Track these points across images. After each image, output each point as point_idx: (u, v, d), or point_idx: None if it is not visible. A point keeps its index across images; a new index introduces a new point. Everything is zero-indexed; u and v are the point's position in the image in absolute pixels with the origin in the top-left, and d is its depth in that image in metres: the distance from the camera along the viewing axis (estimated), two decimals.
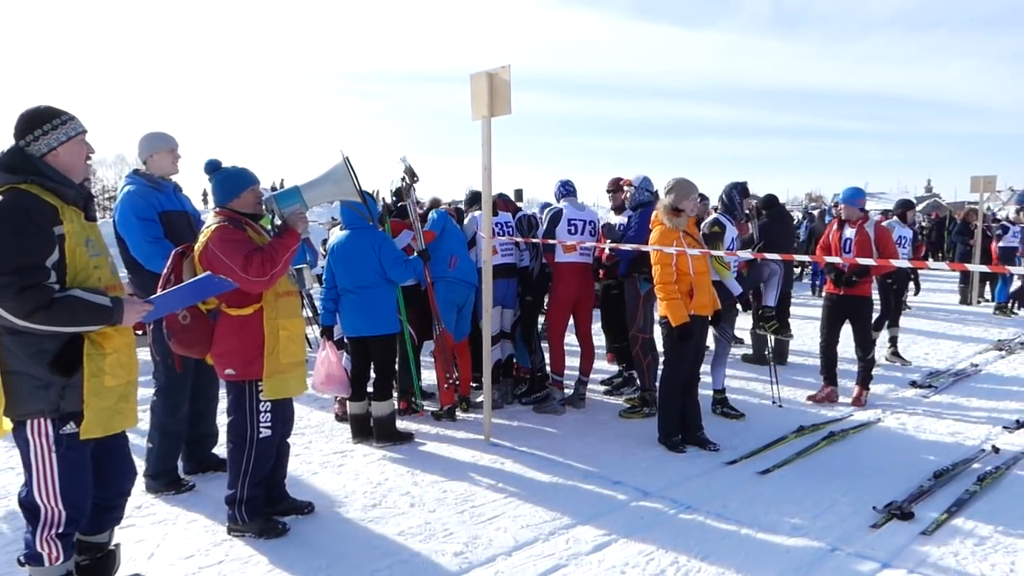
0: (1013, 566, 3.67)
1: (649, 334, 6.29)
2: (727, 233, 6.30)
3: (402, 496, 4.59)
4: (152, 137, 4.63)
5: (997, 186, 22.88)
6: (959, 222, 14.93)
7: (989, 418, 6.28)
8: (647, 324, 6.27)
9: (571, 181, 6.77)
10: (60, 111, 2.99)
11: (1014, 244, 14.16)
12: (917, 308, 13.16)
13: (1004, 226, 14.89)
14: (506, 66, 5.17)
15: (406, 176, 6.18)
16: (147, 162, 4.61)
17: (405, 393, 6.42)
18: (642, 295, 6.23)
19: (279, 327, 3.93)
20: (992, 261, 13.49)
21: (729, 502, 4.46)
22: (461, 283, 6.21)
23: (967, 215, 14.99)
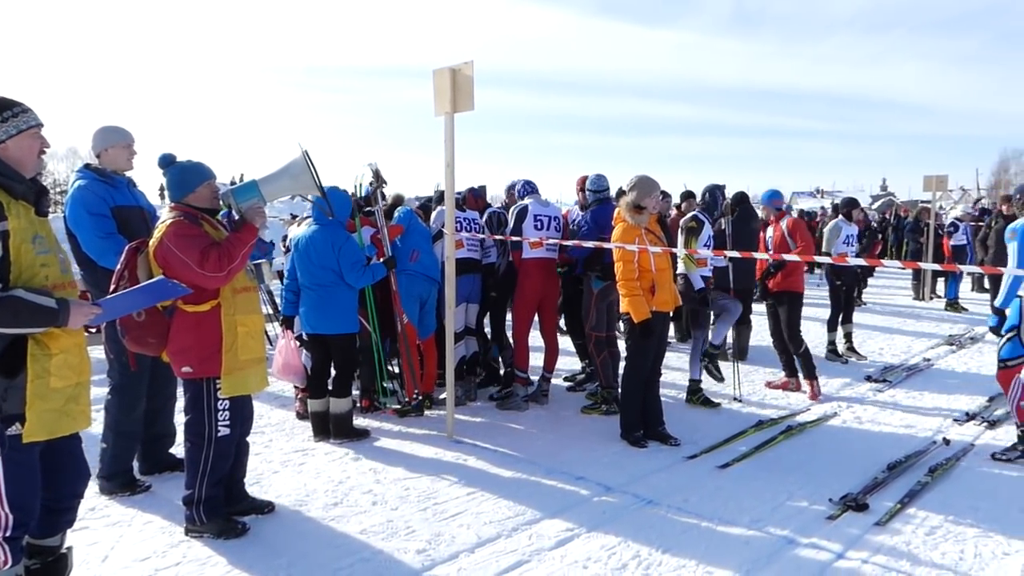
0: (962, 554, 3.77)
1: (602, 332, 6.30)
2: (704, 230, 6.45)
3: (364, 494, 4.55)
4: (107, 131, 4.51)
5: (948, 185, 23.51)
6: (911, 220, 15.28)
7: (940, 411, 6.45)
8: (600, 322, 6.28)
9: (530, 181, 6.85)
10: (13, 102, 2.87)
11: (963, 242, 14.59)
12: (872, 304, 13.46)
13: (955, 224, 15.32)
14: (469, 62, 5.16)
15: (374, 180, 6.14)
16: (100, 156, 4.49)
17: (368, 391, 6.38)
18: (595, 293, 6.27)
19: (237, 323, 3.87)
20: (945, 259, 13.87)
21: (690, 496, 4.51)
22: (422, 277, 6.18)
23: (919, 213, 15.35)
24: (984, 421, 6.07)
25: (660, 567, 3.64)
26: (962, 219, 15.37)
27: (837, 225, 8.81)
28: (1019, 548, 3.82)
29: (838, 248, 8.63)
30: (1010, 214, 10.20)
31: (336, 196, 5.52)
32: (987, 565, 3.66)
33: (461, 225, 6.50)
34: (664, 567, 3.64)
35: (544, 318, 6.66)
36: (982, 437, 5.69)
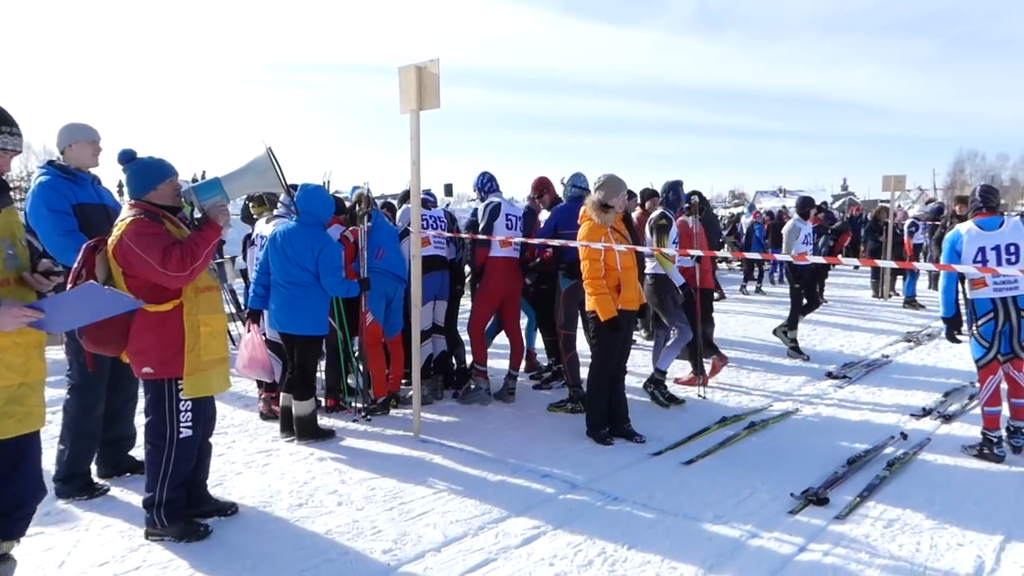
0: (918, 546, 3.86)
1: (572, 330, 6.34)
2: (672, 227, 6.52)
3: (329, 495, 4.52)
4: (72, 127, 4.43)
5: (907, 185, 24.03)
6: (870, 220, 15.59)
7: (898, 406, 6.59)
8: (570, 320, 6.32)
9: (493, 175, 6.80)
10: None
11: (923, 241, 14.92)
12: (833, 302, 13.70)
13: (915, 223, 15.66)
14: (435, 60, 5.14)
15: (360, 204, 6.11)
16: (65, 152, 4.41)
17: (333, 390, 6.33)
18: (563, 291, 6.30)
19: (200, 323, 3.81)
20: (907, 257, 14.15)
21: (655, 492, 4.55)
22: (388, 275, 6.15)
23: (878, 213, 15.67)
24: (940, 416, 6.22)
25: (625, 563, 3.67)
26: (921, 219, 15.72)
27: (795, 225, 8.91)
28: (972, 539, 3.93)
29: (798, 248, 8.77)
30: (963, 214, 10.47)
31: (318, 195, 5.48)
32: (942, 556, 3.75)
33: (427, 223, 6.49)
34: (629, 563, 3.67)
35: (508, 316, 6.70)
36: (938, 432, 5.83)
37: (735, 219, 24.57)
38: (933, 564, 3.68)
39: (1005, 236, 5.11)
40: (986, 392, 5.21)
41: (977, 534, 3.99)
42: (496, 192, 6.68)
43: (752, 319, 11.60)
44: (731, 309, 11.73)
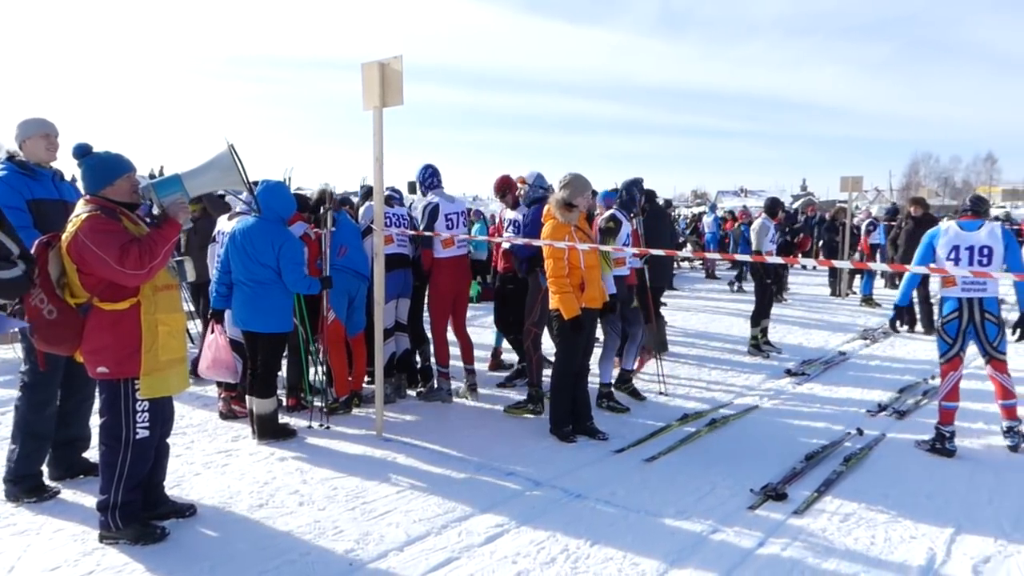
0: (873, 539, 3.95)
1: (541, 329, 6.34)
2: (623, 229, 6.48)
3: (290, 495, 4.47)
4: (26, 122, 4.35)
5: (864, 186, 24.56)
6: (828, 219, 15.89)
7: (855, 403, 6.72)
8: (541, 320, 6.31)
9: (436, 169, 6.75)
10: None
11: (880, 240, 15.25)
12: (793, 300, 13.93)
13: (873, 223, 16.00)
14: (398, 56, 5.11)
15: (327, 201, 6.05)
16: (22, 147, 4.33)
17: (294, 389, 6.26)
18: (543, 289, 6.23)
19: (158, 322, 3.74)
20: (865, 256, 14.44)
21: (617, 489, 4.59)
22: (351, 272, 6.10)
23: (836, 213, 15.98)
24: (895, 412, 6.36)
25: (588, 560, 3.69)
26: (878, 219, 16.07)
27: (764, 224, 9.15)
28: (925, 532, 4.03)
29: (766, 245, 8.99)
30: (918, 215, 10.73)
31: (278, 192, 5.41)
32: (896, 548, 3.85)
33: (391, 221, 6.45)
34: (592, 560, 3.69)
35: (457, 314, 6.74)
36: (893, 427, 5.96)
37: (697, 218, 24.89)
38: (887, 557, 3.76)
39: (980, 239, 5.26)
40: (945, 387, 5.34)
41: (929, 527, 4.09)
42: (437, 188, 6.66)
43: (713, 316, 11.74)
44: (692, 306, 11.87)
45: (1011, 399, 5.39)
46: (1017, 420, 5.42)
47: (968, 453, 5.31)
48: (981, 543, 3.91)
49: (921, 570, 3.63)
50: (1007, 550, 3.83)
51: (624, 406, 6.41)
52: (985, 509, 4.36)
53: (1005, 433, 5.43)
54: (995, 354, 5.32)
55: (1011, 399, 5.39)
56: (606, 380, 6.51)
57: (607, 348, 6.55)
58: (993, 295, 5.25)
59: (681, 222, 25.27)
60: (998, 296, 5.29)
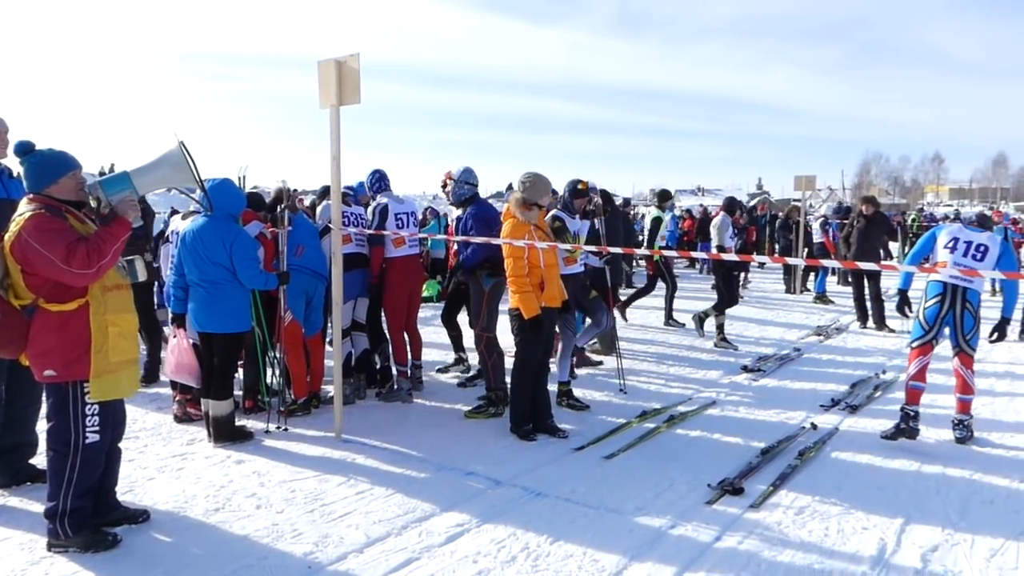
0: (827, 531, 4.03)
1: (492, 332, 6.27)
2: (570, 227, 6.51)
3: (248, 498, 4.40)
4: None
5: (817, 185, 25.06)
6: (782, 218, 16.18)
7: (809, 397, 6.85)
8: (491, 322, 6.27)
9: (384, 173, 6.80)
10: None
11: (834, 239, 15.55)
12: (749, 297, 14.15)
13: (827, 221, 16.31)
14: (355, 54, 5.07)
15: (281, 199, 5.97)
16: None
17: (251, 391, 6.17)
18: (486, 291, 6.25)
19: (108, 323, 3.66)
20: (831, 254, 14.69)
21: (577, 487, 4.61)
22: (308, 272, 6.03)
23: (790, 212, 16.27)
24: (847, 406, 6.50)
25: (548, 557, 3.70)
26: (830, 218, 16.42)
27: (724, 221, 9.53)
28: (876, 523, 4.13)
29: (727, 242, 9.29)
30: (870, 214, 10.97)
31: (226, 189, 5.31)
32: (848, 540, 3.93)
33: (348, 220, 6.40)
34: (552, 557, 3.71)
35: (409, 313, 6.79)
36: (845, 421, 6.09)
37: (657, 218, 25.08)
38: (840, 548, 3.84)
39: (980, 239, 5.44)
40: (914, 368, 5.46)
41: (880, 518, 4.19)
42: (386, 191, 6.71)
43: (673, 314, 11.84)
44: (651, 305, 11.95)
45: (969, 395, 5.54)
46: (969, 415, 5.58)
47: (917, 446, 5.44)
48: (930, 533, 4.02)
49: (873, 560, 3.71)
50: (954, 538, 3.94)
51: (584, 404, 6.44)
52: (933, 500, 4.48)
53: (955, 426, 5.58)
54: (966, 348, 5.46)
55: (969, 395, 5.54)
56: (564, 379, 6.51)
57: (565, 347, 6.57)
58: (977, 289, 5.39)
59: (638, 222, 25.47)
60: (981, 291, 5.44)
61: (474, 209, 6.40)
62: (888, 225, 12.15)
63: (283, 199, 5.97)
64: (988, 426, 5.94)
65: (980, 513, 4.29)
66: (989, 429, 5.87)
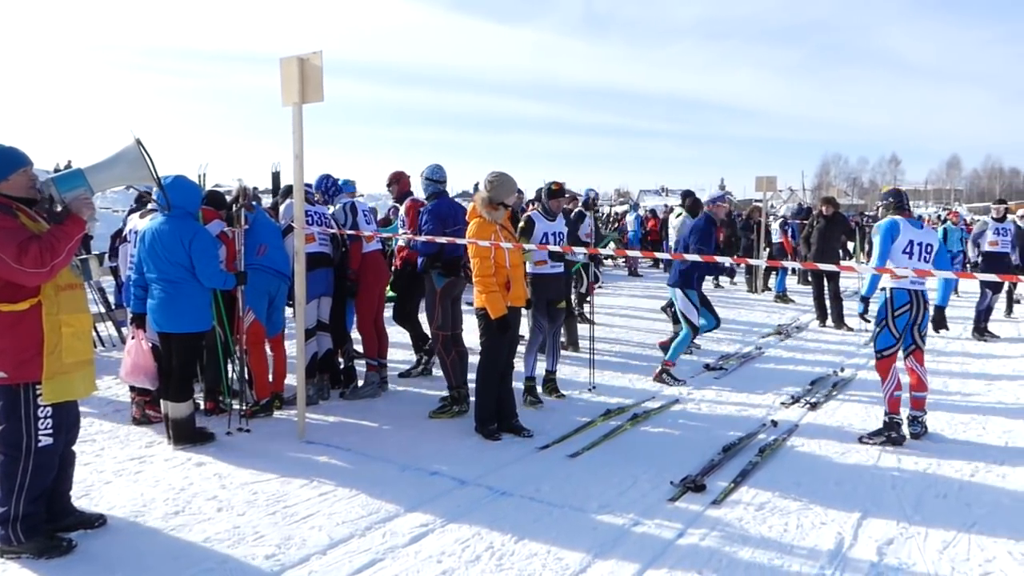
0: (786, 526, 4.10)
1: (448, 331, 6.25)
2: (536, 228, 6.43)
3: (208, 501, 4.33)
4: None
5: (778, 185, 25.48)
6: (743, 218, 16.40)
7: (770, 395, 6.96)
8: (446, 321, 6.23)
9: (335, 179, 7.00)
10: None
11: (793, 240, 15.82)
12: (711, 296, 14.29)
13: (786, 223, 16.58)
14: (318, 52, 5.03)
15: (239, 197, 5.88)
16: None
17: (212, 392, 6.07)
18: (438, 290, 6.23)
19: (61, 323, 3.58)
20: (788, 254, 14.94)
21: (542, 485, 4.62)
22: (271, 271, 5.96)
23: (751, 212, 16.50)
24: (807, 404, 6.62)
25: (513, 556, 3.71)
26: (790, 219, 16.69)
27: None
28: (834, 518, 4.21)
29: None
30: (829, 214, 11.18)
31: (184, 186, 5.23)
32: (807, 535, 4.00)
33: (312, 219, 6.34)
34: (516, 556, 3.71)
35: (378, 308, 6.88)
36: (805, 418, 6.20)
37: (620, 217, 25.32)
38: (799, 543, 3.91)
39: (924, 236, 5.56)
40: (893, 378, 5.54)
41: (838, 512, 4.27)
42: (341, 193, 6.89)
43: (636, 313, 11.96)
44: (615, 304, 12.07)
45: (923, 391, 5.68)
46: (923, 411, 5.70)
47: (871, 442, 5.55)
48: (885, 526, 4.10)
49: (830, 554, 3.78)
50: (908, 531, 4.03)
51: (541, 400, 6.51)
52: (889, 494, 4.58)
53: (911, 422, 5.70)
54: (922, 343, 5.62)
55: (923, 391, 5.68)
56: (530, 374, 6.55)
57: (531, 343, 6.60)
58: (928, 286, 5.61)
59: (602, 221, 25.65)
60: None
61: (431, 205, 6.43)
62: (847, 225, 12.39)
63: (241, 198, 5.89)
64: (942, 421, 6.09)
65: (933, 506, 4.40)
66: (943, 424, 6.02)
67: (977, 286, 11.30)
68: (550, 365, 6.85)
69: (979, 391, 7.21)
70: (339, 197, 6.83)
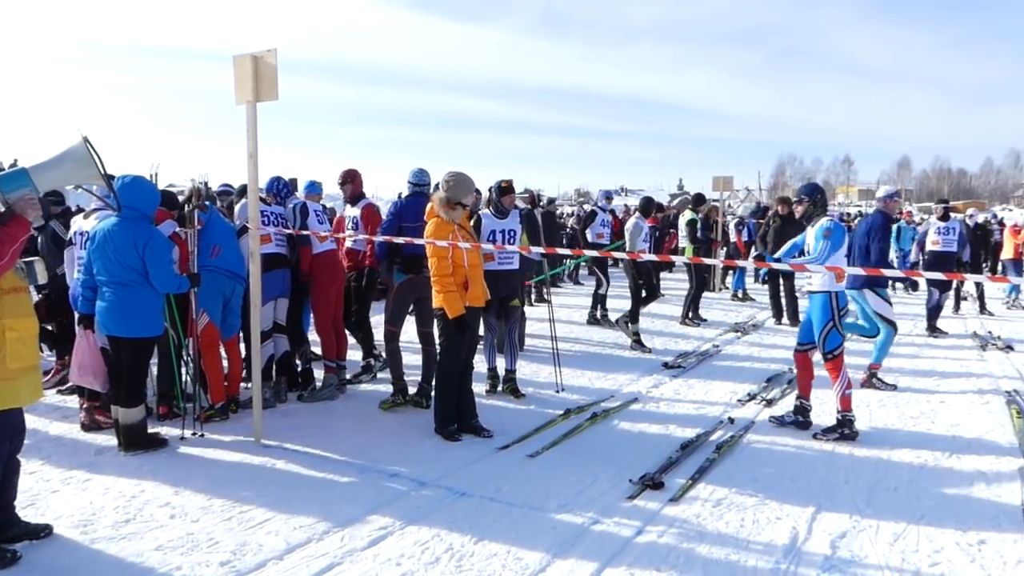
0: (743, 522, 4.16)
1: (397, 327, 6.38)
2: (484, 226, 6.53)
3: (161, 508, 4.24)
4: None
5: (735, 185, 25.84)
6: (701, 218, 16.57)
7: (727, 392, 7.06)
8: (395, 316, 6.35)
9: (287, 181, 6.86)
10: None
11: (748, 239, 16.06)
12: (669, 295, 14.47)
13: (742, 222, 16.82)
14: (272, 49, 4.95)
15: (192, 198, 5.76)
16: None
17: (166, 396, 5.94)
18: (395, 285, 6.33)
19: (6, 328, 3.48)
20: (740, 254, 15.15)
21: (502, 485, 4.62)
22: (225, 272, 5.86)
23: (709, 212, 16.69)
24: (763, 400, 6.72)
25: (472, 558, 3.70)
26: (746, 219, 16.95)
27: (638, 224, 9.54)
28: (789, 513, 4.28)
29: (640, 244, 9.30)
30: (784, 213, 11.36)
31: (142, 187, 5.11)
32: (763, 530, 4.06)
33: (268, 220, 6.25)
34: (476, 557, 3.70)
35: (336, 308, 6.81)
36: (761, 415, 6.30)
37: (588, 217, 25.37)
38: (755, 538, 3.97)
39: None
40: (843, 380, 5.61)
41: (793, 507, 4.35)
42: (294, 195, 6.84)
43: None
44: (576, 304, 12.11)
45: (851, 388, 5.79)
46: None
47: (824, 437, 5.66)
48: (838, 520, 4.19)
49: (785, 549, 3.85)
50: (861, 525, 4.12)
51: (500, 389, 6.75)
52: (842, 488, 4.68)
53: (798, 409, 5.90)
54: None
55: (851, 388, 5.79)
56: (491, 365, 6.80)
57: (487, 339, 6.80)
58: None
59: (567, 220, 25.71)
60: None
61: (397, 201, 6.74)
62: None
63: (194, 198, 5.78)
64: (892, 416, 6.25)
65: (885, 499, 4.50)
66: (893, 419, 6.17)
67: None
68: (509, 364, 6.89)
69: (928, 386, 7.40)
70: (291, 199, 6.72)
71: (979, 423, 6.10)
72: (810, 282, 5.80)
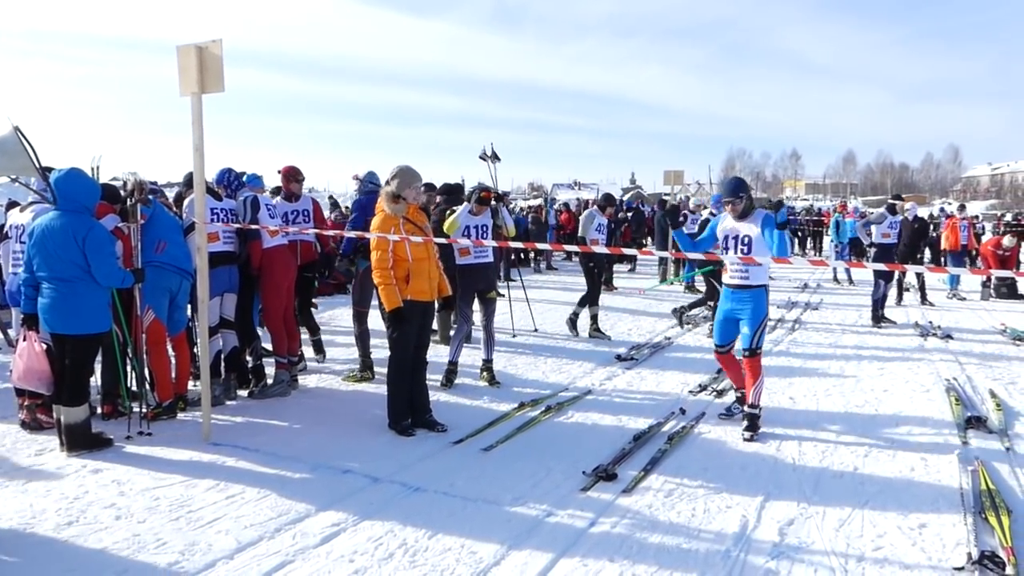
0: (694, 511, 4.23)
1: (365, 308, 7.16)
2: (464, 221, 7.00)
3: (105, 509, 4.13)
4: None
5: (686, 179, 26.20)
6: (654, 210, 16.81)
7: (679, 384, 7.16)
8: (362, 298, 7.15)
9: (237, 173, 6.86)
10: None
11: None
12: (622, 288, 14.63)
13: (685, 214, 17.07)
14: (217, 40, 4.85)
15: (134, 191, 5.59)
16: None
17: (110, 395, 5.78)
18: (361, 271, 6.95)
19: None
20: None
21: (456, 480, 4.62)
22: (171, 268, 5.72)
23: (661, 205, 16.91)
24: (713, 391, 6.84)
25: (427, 552, 3.69)
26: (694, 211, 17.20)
27: (591, 214, 9.81)
28: (739, 502, 4.36)
29: (592, 234, 9.51)
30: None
31: (79, 179, 4.95)
32: (714, 519, 4.14)
33: (217, 216, 6.13)
34: (430, 552, 3.69)
35: (287, 303, 6.80)
36: (712, 406, 6.40)
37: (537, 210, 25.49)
38: (706, 527, 4.04)
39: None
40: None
41: (742, 496, 4.43)
42: (244, 188, 6.75)
43: (549, 307, 12.07)
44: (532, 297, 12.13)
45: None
46: None
47: (777, 426, 5.78)
48: (786, 507, 4.28)
49: (735, 536, 3.92)
50: (808, 512, 4.22)
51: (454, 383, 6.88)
52: (790, 476, 4.79)
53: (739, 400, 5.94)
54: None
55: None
56: (452, 359, 6.95)
57: (457, 332, 7.05)
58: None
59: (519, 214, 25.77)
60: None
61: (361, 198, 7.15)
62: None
63: (136, 192, 5.63)
64: (838, 404, 6.41)
65: (831, 486, 4.62)
66: (839, 407, 6.34)
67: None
68: (486, 354, 7.13)
69: (873, 374, 7.61)
70: (242, 191, 6.60)
71: (920, 410, 6.30)
72: (745, 277, 5.52)
